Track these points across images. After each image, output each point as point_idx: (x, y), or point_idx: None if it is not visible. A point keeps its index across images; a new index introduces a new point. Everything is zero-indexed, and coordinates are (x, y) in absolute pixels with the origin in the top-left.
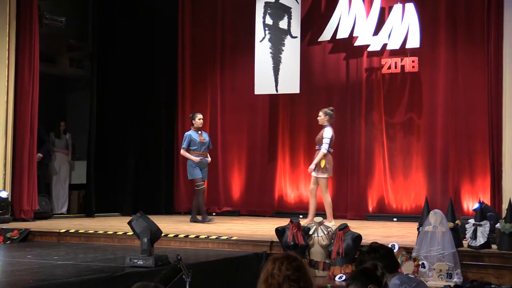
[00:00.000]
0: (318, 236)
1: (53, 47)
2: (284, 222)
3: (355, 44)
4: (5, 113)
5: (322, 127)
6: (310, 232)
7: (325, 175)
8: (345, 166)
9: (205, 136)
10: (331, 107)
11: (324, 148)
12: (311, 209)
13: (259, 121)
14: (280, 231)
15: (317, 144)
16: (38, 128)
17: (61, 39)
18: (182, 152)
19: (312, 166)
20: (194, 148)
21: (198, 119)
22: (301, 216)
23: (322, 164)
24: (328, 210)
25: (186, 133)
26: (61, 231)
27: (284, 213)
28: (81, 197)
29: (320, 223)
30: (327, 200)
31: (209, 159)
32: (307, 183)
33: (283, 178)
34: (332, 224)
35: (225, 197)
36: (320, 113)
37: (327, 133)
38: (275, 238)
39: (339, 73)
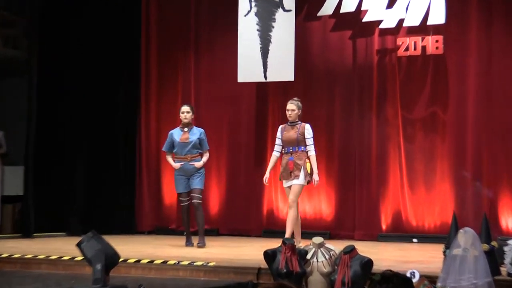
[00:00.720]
0: (317, 261)
1: None
2: (274, 243)
3: (363, 20)
4: None
5: (282, 122)
6: (308, 257)
7: (305, 183)
8: (351, 174)
9: (192, 135)
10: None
11: (314, 150)
12: (297, 229)
13: (244, 116)
14: (270, 255)
15: (292, 145)
16: None
17: None
18: (166, 157)
19: (316, 176)
20: (175, 150)
21: (181, 112)
22: None
23: (309, 169)
24: (297, 227)
25: (170, 131)
26: None
27: (275, 232)
28: (16, 213)
29: (320, 245)
30: (295, 214)
31: (197, 163)
32: (304, 193)
33: (273, 187)
34: (300, 245)
35: None
36: (293, 106)
37: (311, 131)
38: (264, 264)
39: (344, 56)
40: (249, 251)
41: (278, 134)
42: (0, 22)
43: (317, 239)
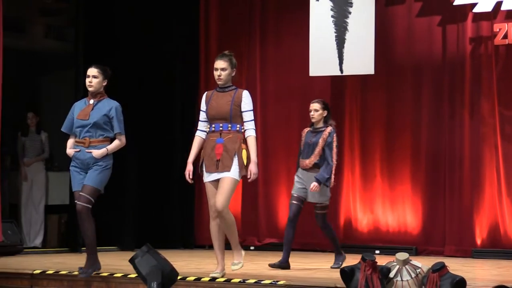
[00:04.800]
0: (402, 280)
1: (22, 10)
2: (352, 260)
3: (454, 3)
4: None
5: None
6: (391, 275)
7: (239, 177)
8: (440, 180)
9: (97, 110)
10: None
11: (254, 129)
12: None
13: None
14: (347, 273)
15: (222, 121)
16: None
17: None
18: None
19: (254, 167)
20: (74, 130)
21: (86, 76)
22: (377, 252)
23: (245, 158)
24: (235, 238)
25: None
26: (34, 272)
27: (352, 247)
28: (62, 224)
29: (405, 262)
30: (232, 219)
31: (96, 151)
32: (386, 202)
33: (351, 195)
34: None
35: (267, 223)
36: (224, 63)
37: (250, 100)
38: (340, 283)
39: (432, 46)
40: (324, 268)
41: (202, 105)
42: (43, 10)
43: (402, 255)
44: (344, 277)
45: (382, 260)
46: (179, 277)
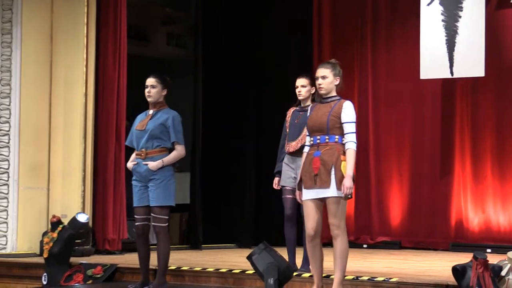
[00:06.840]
0: None
1: (144, 19)
2: (464, 258)
3: None
4: (83, 110)
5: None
6: (503, 273)
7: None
8: None
9: (154, 120)
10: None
11: (354, 141)
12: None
13: (428, 116)
14: (459, 271)
15: (320, 132)
16: (126, 129)
17: (155, 8)
18: None
19: (348, 181)
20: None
21: (145, 87)
22: (489, 250)
23: (344, 171)
24: (342, 271)
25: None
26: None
27: (464, 246)
28: (183, 223)
29: None
30: (346, 246)
31: (152, 163)
32: (498, 202)
33: (462, 196)
34: None
35: (380, 222)
36: (325, 71)
37: (352, 111)
38: (452, 281)
39: None
40: (436, 267)
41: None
42: (165, 20)
43: None
44: (456, 275)
45: (493, 259)
46: (294, 274)
